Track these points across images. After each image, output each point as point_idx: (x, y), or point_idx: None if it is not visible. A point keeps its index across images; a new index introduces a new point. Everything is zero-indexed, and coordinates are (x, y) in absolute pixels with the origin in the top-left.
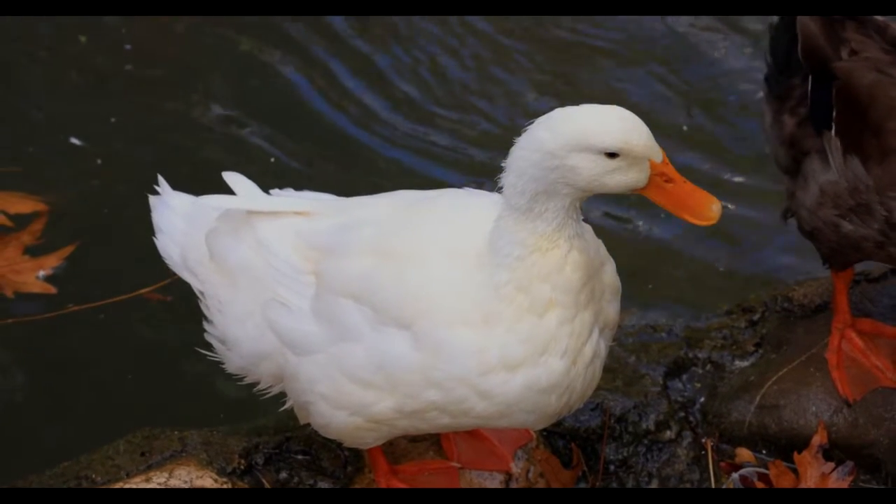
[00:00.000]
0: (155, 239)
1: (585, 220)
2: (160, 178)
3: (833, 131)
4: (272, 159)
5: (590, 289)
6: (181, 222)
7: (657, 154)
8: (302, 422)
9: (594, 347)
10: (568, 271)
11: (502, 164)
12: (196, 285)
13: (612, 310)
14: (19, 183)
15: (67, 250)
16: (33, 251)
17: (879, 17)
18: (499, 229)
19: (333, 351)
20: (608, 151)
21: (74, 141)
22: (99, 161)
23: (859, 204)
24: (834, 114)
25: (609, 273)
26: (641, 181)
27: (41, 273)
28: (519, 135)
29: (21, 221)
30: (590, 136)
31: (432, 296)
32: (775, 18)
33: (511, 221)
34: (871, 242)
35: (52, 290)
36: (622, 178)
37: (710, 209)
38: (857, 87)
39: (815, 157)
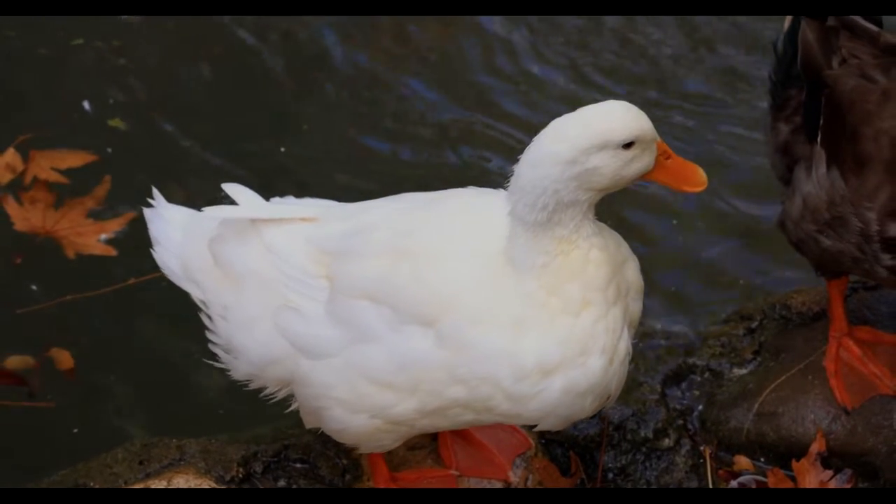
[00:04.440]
0: (152, 251)
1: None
2: (154, 191)
3: (819, 141)
4: (282, 149)
5: (616, 284)
6: (178, 234)
7: (657, 135)
8: (308, 426)
9: (626, 344)
10: (591, 269)
11: (506, 187)
12: (198, 295)
13: (636, 307)
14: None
15: (130, 215)
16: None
17: (872, 27)
18: (515, 247)
19: (350, 354)
20: (625, 143)
21: (86, 105)
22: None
23: (835, 217)
24: (821, 122)
25: (632, 270)
26: (651, 163)
27: (103, 236)
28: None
29: (72, 175)
30: (607, 133)
31: (455, 293)
32: (783, 32)
33: (528, 236)
34: (848, 258)
35: (113, 252)
36: (638, 165)
37: (702, 175)
38: (840, 93)
39: (802, 165)
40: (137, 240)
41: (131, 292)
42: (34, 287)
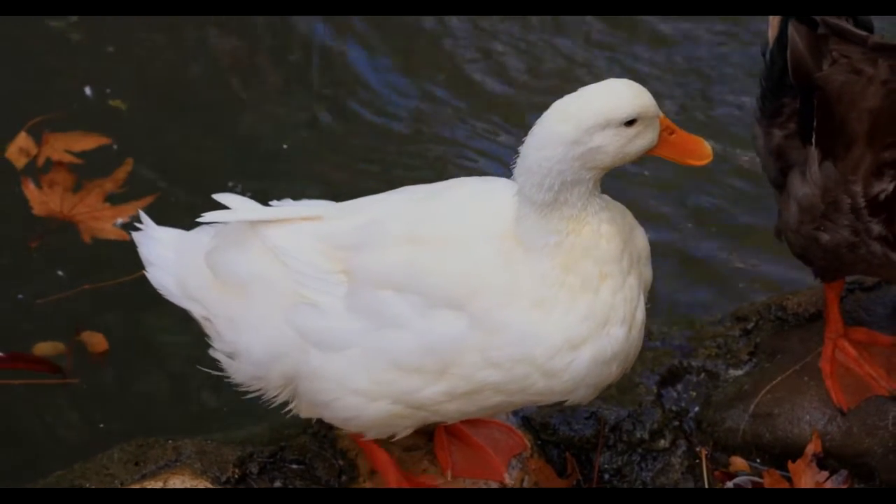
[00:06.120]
0: (146, 272)
1: None
2: (142, 214)
3: (813, 142)
4: (284, 146)
5: (628, 254)
6: (171, 254)
7: (659, 111)
8: (304, 416)
9: (642, 312)
10: (604, 243)
11: (512, 168)
12: (199, 311)
13: (648, 273)
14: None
15: (147, 200)
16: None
17: (861, 31)
18: (525, 227)
19: (372, 341)
20: (628, 120)
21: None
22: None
23: (829, 205)
24: (814, 124)
25: (640, 237)
26: (655, 139)
27: (119, 221)
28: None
29: (86, 158)
30: (610, 112)
31: (480, 276)
32: (769, 42)
33: (536, 217)
34: (845, 248)
35: (128, 237)
36: (641, 142)
37: (706, 148)
38: (831, 90)
39: (796, 171)
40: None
41: (130, 286)
42: (45, 273)
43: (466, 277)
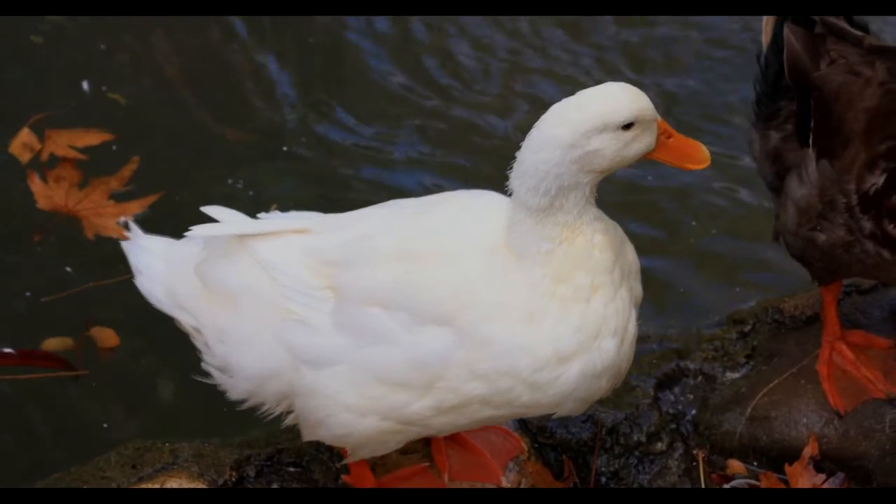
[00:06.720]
0: (134, 281)
1: None
2: (130, 223)
3: (811, 143)
4: (284, 147)
5: (620, 266)
6: (160, 263)
7: (657, 114)
8: (306, 439)
9: (634, 325)
10: (597, 254)
11: (508, 173)
12: (188, 321)
13: (638, 287)
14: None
15: (151, 198)
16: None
17: (857, 31)
18: (518, 233)
19: (360, 357)
20: (625, 124)
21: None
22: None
23: (825, 204)
24: (811, 124)
25: (631, 251)
26: (652, 143)
27: (122, 219)
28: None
29: (91, 154)
30: (607, 115)
31: (468, 290)
32: (763, 47)
33: (531, 222)
34: (841, 248)
35: (128, 236)
36: (639, 145)
37: (704, 152)
38: (829, 89)
39: (793, 174)
40: (149, 226)
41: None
42: (51, 270)
43: (456, 293)
